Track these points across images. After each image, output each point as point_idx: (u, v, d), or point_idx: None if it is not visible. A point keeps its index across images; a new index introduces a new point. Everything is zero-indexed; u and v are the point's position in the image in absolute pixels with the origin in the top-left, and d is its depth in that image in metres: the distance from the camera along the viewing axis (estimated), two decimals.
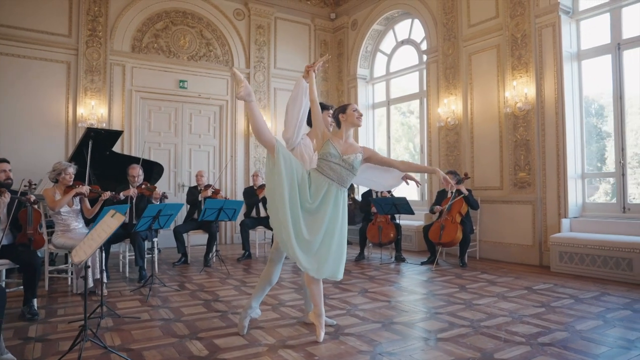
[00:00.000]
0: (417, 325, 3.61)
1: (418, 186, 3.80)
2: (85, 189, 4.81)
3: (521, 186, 6.53)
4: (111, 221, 2.63)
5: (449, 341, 3.22)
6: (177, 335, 3.39)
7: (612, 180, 6.16)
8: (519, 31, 6.58)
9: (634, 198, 5.92)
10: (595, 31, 6.28)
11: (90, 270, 4.56)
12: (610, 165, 6.17)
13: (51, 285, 5.10)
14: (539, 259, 6.27)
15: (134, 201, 5.60)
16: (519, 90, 6.49)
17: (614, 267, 5.29)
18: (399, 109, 9.55)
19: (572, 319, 3.73)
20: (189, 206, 6.92)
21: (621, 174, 5.90)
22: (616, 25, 6.00)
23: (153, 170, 6.86)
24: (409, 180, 3.63)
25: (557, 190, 6.19)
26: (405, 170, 3.46)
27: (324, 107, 3.61)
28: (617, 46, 5.96)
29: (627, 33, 5.92)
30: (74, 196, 4.82)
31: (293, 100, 3.42)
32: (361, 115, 3.38)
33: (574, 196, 6.20)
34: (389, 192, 7.07)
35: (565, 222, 6.07)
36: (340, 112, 3.37)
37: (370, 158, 3.38)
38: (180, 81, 8.54)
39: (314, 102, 3.35)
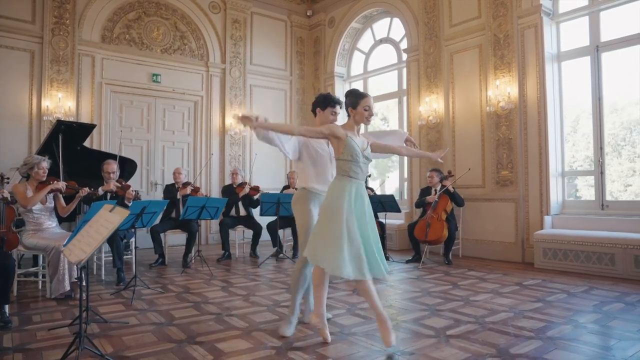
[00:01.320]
0: (423, 323, 3.52)
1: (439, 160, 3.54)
2: (61, 184, 4.45)
3: (503, 184, 6.61)
4: (111, 216, 2.39)
5: (459, 338, 3.14)
6: (173, 340, 3.15)
7: (587, 179, 6.34)
8: (502, 32, 6.66)
9: (612, 194, 6.11)
10: (575, 33, 6.44)
11: (67, 272, 4.23)
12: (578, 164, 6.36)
13: (19, 290, 4.70)
14: (522, 256, 6.36)
15: (110, 197, 5.25)
16: (502, 89, 6.56)
17: (597, 262, 5.41)
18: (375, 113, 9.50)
19: (571, 313, 3.75)
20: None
21: (600, 172, 6.06)
22: (595, 28, 6.17)
23: (125, 168, 6.51)
24: (408, 143, 3.49)
25: (540, 188, 6.30)
26: (407, 155, 3.42)
27: (327, 102, 3.34)
28: (596, 48, 6.12)
29: (605, 36, 6.09)
30: (49, 193, 4.46)
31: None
32: (372, 115, 3.06)
33: (555, 194, 6.32)
34: (372, 190, 7.00)
35: (547, 219, 6.18)
36: (350, 105, 3.05)
37: (373, 146, 3.18)
38: (154, 75, 8.16)
39: (278, 126, 3.03)
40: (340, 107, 3.37)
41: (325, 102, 3.36)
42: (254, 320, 3.60)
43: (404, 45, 8.42)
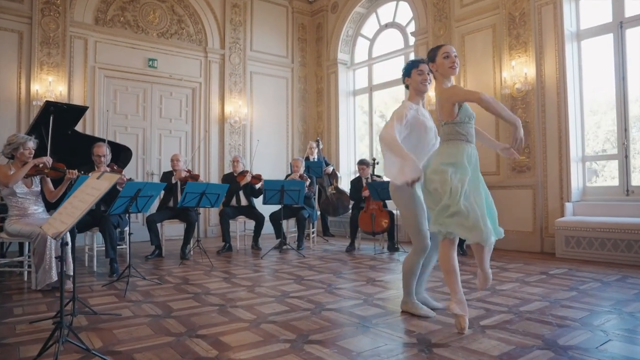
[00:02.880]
0: (450, 314, 3.14)
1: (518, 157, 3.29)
2: (46, 159, 4.05)
3: (520, 170, 6.24)
4: (98, 183, 2.00)
5: (496, 328, 2.77)
6: (171, 333, 2.77)
7: (606, 163, 5.98)
8: (517, 9, 6.30)
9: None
10: (596, 10, 6.07)
11: (54, 261, 3.84)
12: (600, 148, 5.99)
13: (3, 282, 4.32)
14: (541, 245, 5.99)
15: None
16: (518, 70, 6.20)
17: (626, 250, 5.05)
18: (378, 108, 9.15)
19: (613, 302, 3.39)
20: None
21: (624, 156, 5.70)
22: (619, 3, 5.81)
23: (120, 155, 6.11)
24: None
25: (559, 174, 5.94)
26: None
27: (411, 65, 3.10)
28: (620, 25, 5.77)
29: (630, 11, 5.73)
30: (34, 175, 4.06)
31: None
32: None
33: (576, 179, 5.97)
34: (380, 177, 6.62)
35: (568, 206, 5.82)
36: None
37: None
38: (150, 60, 7.77)
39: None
40: (424, 64, 3.08)
41: (408, 67, 3.14)
42: (262, 312, 3.22)
43: (411, 28, 8.04)
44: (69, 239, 3.74)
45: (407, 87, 3.18)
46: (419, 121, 3.04)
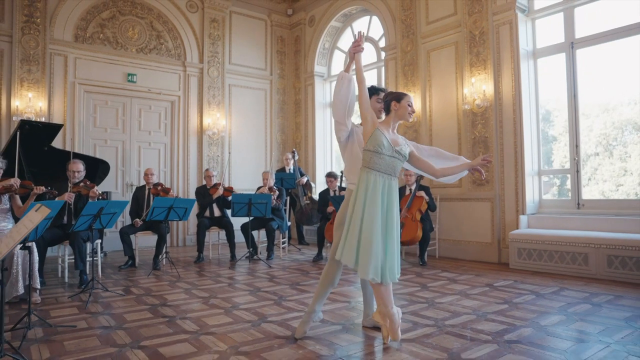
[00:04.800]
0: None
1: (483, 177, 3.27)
2: (13, 180, 4.31)
3: (479, 183, 6.51)
4: (34, 215, 2.27)
5: (414, 342, 3.04)
6: (116, 344, 3.03)
7: (560, 177, 6.24)
8: (477, 28, 6.58)
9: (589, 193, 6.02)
10: (550, 30, 6.36)
11: (20, 275, 4.10)
12: (558, 163, 6.26)
13: None
14: (498, 256, 6.27)
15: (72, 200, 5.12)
16: (478, 87, 6.48)
17: (571, 262, 5.32)
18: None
19: (535, 315, 3.65)
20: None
21: (575, 170, 5.98)
22: (569, 25, 6.09)
23: (98, 169, 6.40)
24: (473, 171, 3.21)
25: (515, 187, 6.21)
26: (442, 175, 3.17)
27: (373, 91, 3.31)
28: (571, 45, 6.05)
29: (580, 32, 6.01)
30: (3, 193, 4.33)
31: (337, 93, 3.18)
32: (414, 112, 3.13)
33: (531, 193, 6.24)
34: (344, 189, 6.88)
35: (523, 219, 6.09)
36: (394, 99, 3.07)
37: (412, 157, 3.12)
38: (129, 75, 8.04)
39: (362, 82, 3.10)
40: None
41: (371, 91, 3.32)
42: (206, 323, 3.49)
43: (382, 43, 8.33)
44: (13, 263, 4.02)
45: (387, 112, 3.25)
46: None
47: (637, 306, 3.90)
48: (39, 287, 4.33)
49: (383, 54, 8.19)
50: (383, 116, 3.22)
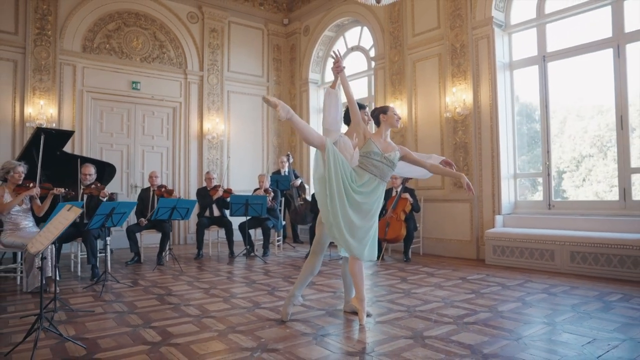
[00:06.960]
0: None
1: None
2: (35, 190, 4.83)
3: (460, 186, 7.02)
4: (67, 214, 2.78)
5: (386, 323, 3.55)
6: (130, 325, 3.54)
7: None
8: (458, 41, 7.10)
9: (565, 193, 6.54)
10: (525, 44, 6.88)
11: (44, 264, 4.60)
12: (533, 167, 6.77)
13: None
14: (476, 253, 6.79)
15: (84, 200, 5.64)
16: (458, 96, 7.00)
17: (539, 258, 5.84)
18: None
19: (496, 302, 4.17)
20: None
21: (547, 174, 6.50)
22: (542, 40, 6.62)
23: (105, 171, 6.88)
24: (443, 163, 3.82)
25: (492, 189, 6.73)
26: (433, 172, 3.81)
27: (359, 107, 3.80)
28: (543, 58, 6.57)
29: (551, 47, 6.54)
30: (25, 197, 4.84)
31: (327, 109, 3.72)
32: (400, 118, 3.78)
33: (507, 194, 6.76)
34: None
35: (499, 219, 6.61)
36: (381, 112, 3.68)
37: (405, 157, 3.73)
38: (133, 82, 8.55)
39: (352, 102, 3.63)
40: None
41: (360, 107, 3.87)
42: (207, 309, 4.00)
43: (372, 53, 8.84)
44: (48, 253, 4.50)
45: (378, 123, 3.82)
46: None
47: (587, 295, 4.42)
48: (56, 278, 4.83)
49: (373, 63, 8.70)
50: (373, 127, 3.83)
